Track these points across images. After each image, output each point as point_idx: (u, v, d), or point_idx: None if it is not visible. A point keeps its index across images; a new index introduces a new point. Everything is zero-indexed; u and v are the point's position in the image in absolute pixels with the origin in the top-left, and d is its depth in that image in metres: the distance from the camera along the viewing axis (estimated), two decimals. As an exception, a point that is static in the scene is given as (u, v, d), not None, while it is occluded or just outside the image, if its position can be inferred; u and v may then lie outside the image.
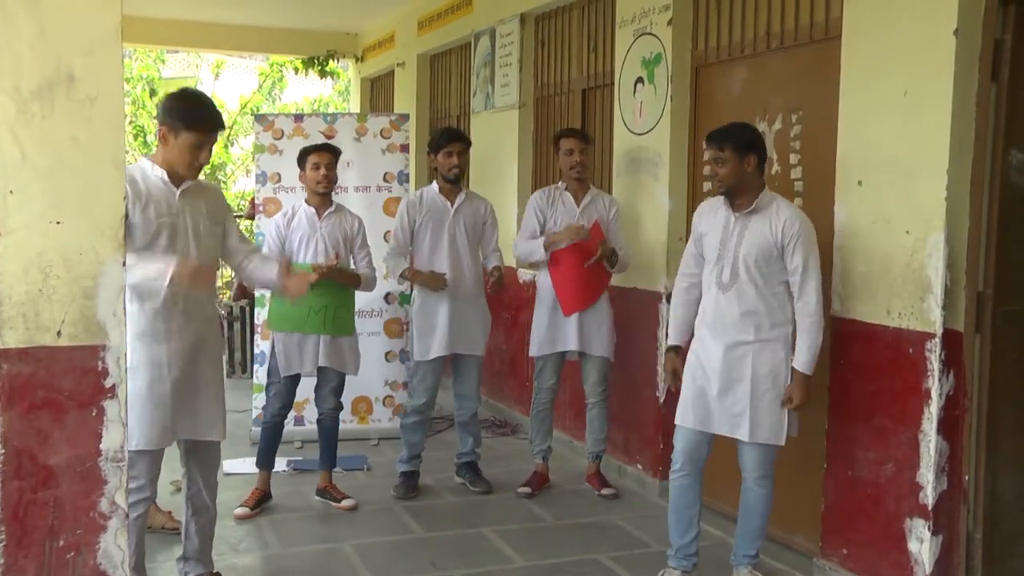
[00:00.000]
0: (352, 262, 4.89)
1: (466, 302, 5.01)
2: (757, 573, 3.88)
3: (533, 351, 5.05)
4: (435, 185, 5.10)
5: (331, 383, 4.86)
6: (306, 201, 4.87)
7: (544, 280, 5.00)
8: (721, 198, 3.71)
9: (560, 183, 5.05)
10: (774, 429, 3.60)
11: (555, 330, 4.95)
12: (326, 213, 4.84)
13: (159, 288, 3.30)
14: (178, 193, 3.38)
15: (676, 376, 3.84)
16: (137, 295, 3.30)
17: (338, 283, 4.69)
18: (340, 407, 4.95)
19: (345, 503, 4.86)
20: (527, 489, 5.06)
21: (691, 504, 3.76)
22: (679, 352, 3.87)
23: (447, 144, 4.98)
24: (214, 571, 3.74)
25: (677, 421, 3.75)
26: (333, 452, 4.97)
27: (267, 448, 4.87)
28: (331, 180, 4.84)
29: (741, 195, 3.62)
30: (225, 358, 7.63)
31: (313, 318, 4.68)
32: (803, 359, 3.55)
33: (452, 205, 5.02)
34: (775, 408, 3.59)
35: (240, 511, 4.69)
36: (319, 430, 4.96)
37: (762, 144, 3.65)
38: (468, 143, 5.10)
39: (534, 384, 5.12)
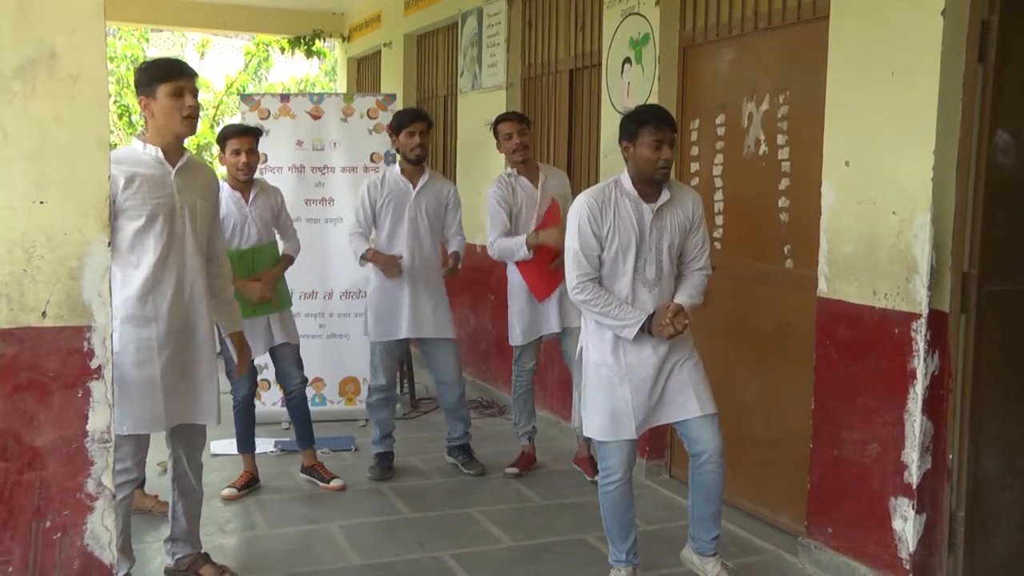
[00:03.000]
0: (277, 236, 4.92)
1: (427, 285, 5.00)
2: (724, 561, 3.70)
3: (516, 340, 5.00)
4: (397, 166, 5.08)
5: (290, 356, 4.88)
6: (230, 185, 4.70)
7: (513, 271, 4.98)
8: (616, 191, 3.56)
9: (510, 169, 5.02)
10: (711, 396, 3.52)
11: (535, 316, 4.94)
12: (252, 195, 4.78)
13: (146, 272, 3.29)
14: (173, 172, 3.34)
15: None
16: (123, 279, 3.28)
17: (267, 266, 4.76)
18: (306, 380, 4.98)
19: (334, 483, 4.87)
20: (514, 470, 5.07)
21: (630, 508, 3.61)
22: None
23: (409, 124, 4.93)
24: (202, 551, 3.75)
25: (607, 438, 3.51)
26: (310, 428, 4.98)
27: (245, 432, 4.85)
28: (251, 166, 4.73)
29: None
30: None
31: (257, 305, 4.70)
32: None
33: (414, 187, 5.00)
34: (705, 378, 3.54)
35: (228, 491, 4.70)
36: (291, 409, 4.94)
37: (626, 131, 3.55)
38: (430, 122, 5.07)
39: (514, 368, 5.11)
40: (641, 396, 3.49)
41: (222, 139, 4.75)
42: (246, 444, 4.87)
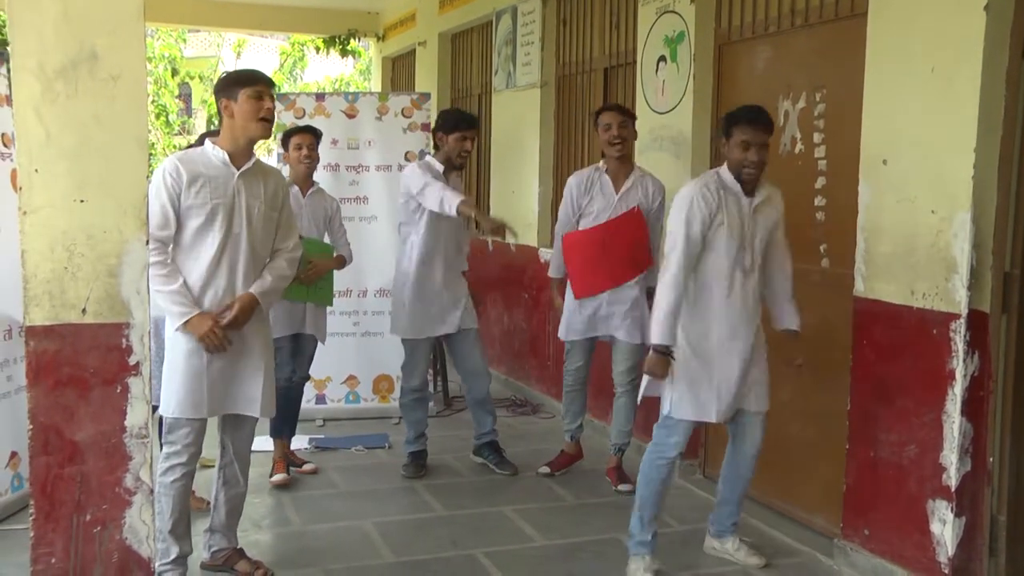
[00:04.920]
0: (329, 239, 5.06)
1: (455, 281, 5.03)
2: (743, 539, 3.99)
3: (560, 333, 4.97)
4: (429, 160, 4.95)
5: (308, 350, 5.01)
6: (291, 179, 4.88)
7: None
8: (707, 180, 3.68)
9: (600, 163, 4.82)
10: (766, 396, 3.78)
11: (587, 315, 4.81)
12: (309, 192, 4.98)
13: (202, 268, 3.43)
14: (237, 175, 3.47)
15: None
16: (183, 273, 3.42)
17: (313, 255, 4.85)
18: (308, 377, 5.16)
19: (306, 467, 5.06)
20: (546, 469, 5.06)
21: (668, 490, 3.87)
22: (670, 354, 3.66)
23: (467, 129, 4.86)
24: (238, 547, 3.80)
25: (687, 416, 3.67)
26: (296, 420, 5.12)
27: (283, 415, 4.89)
28: (314, 160, 4.96)
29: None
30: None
31: (296, 287, 4.68)
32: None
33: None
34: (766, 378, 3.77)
35: (278, 478, 4.83)
36: (287, 396, 4.97)
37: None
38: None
39: (565, 364, 5.05)
40: (730, 383, 3.66)
41: (285, 138, 5.04)
42: (283, 429, 4.95)
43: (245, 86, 3.44)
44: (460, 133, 4.85)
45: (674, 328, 3.59)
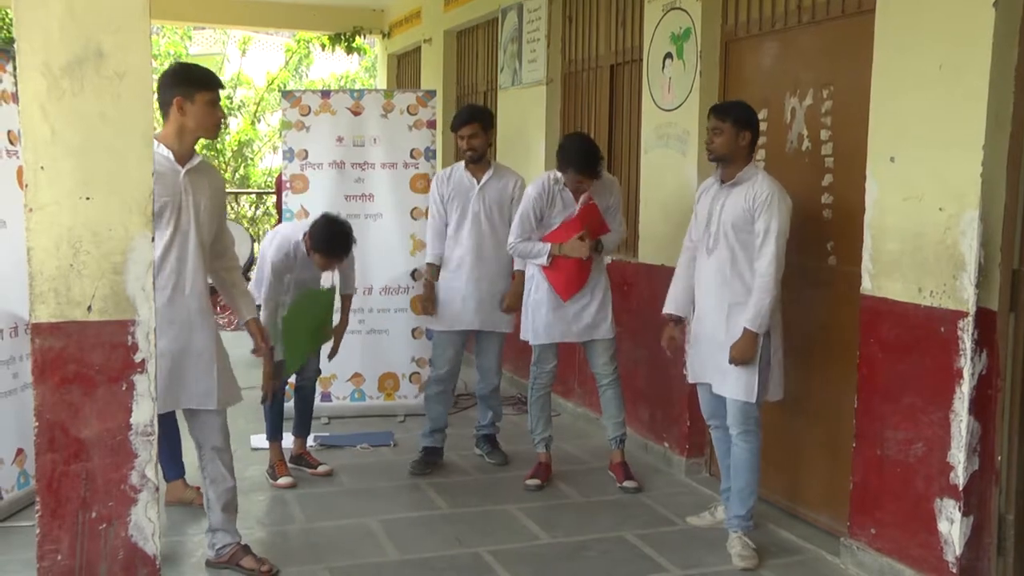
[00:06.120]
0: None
1: (492, 280, 5.05)
2: (747, 540, 3.97)
3: (531, 339, 4.85)
4: (462, 162, 5.13)
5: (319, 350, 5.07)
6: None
7: (536, 269, 4.82)
8: (713, 176, 4.10)
9: (555, 171, 4.74)
10: (742, 387, 3.89)
11: (556, 319, 4.78)
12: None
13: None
14: (183, 172, 3.50)
15: (671, 343, 4.31)
16: None
17: (320, 304, 4.92)
18: (320, 372, 5.20)
19: (321, 469, 5.01)
20: (536, 481, 4.86)
21: (724, 455, 4.15)
22: (676, 321, 4.29)
23: (460, 127, 5.02)
24: (242, 542, 3.80)
25: (690, 380, 4.22)
26: (311, 419, 5.15)
27: (273, 420, 4.93)
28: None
29: (729, 165, 3.96)
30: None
31: (317, 334, 4.91)
32: (748, 315, 3.84)
33: (478, 183, 5.06)
34: (743, 367, 3.87)
35: (283, 481, 4.81)
36: (299, 397, 5.09)
37: (757, 125, 4.02)
38: (483, 123, 5.03)
39: (532, 370, 4.92)
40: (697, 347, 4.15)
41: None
42: (273, 432, 4.95)
43: (204, 90, 3.46)
44: (458, 132, 5.04)
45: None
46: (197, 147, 3.67)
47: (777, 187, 3.89)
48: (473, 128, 4.99)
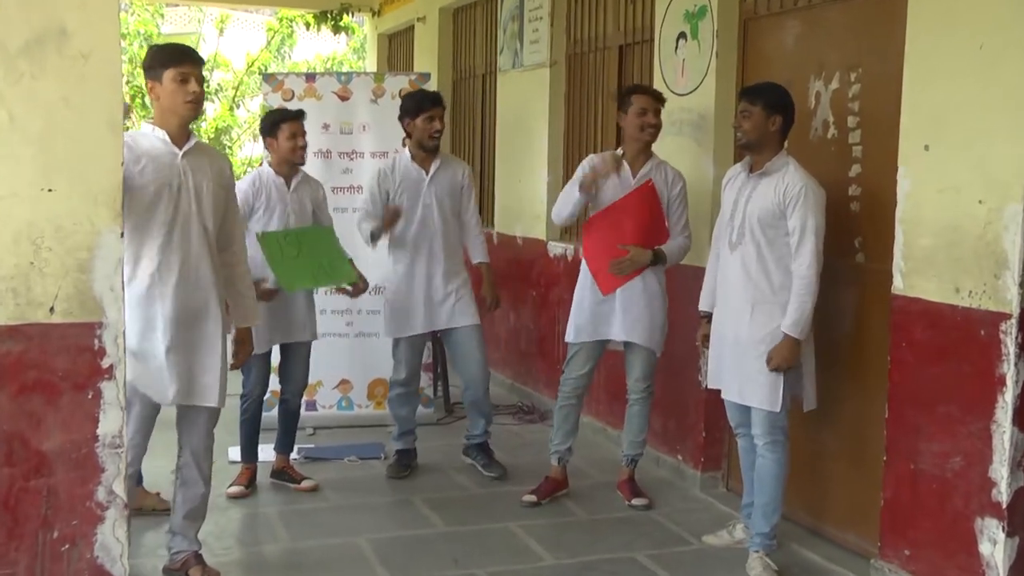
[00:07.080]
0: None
1: (445, 275, 5.07)
2: (768, 560, 3.96)
3: (569, 336, 4.81)
4: (407, 152, 5.13)
5: (303, 353, 4.99)
6: (273, 170, 4.87)
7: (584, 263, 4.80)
8: (741, 164, 4.07)
9: (619, 149, 4.78)
10: (766, 395, 3.87)
11: (597, 314, 4.71)
12: (294, 182, 4.90)
13: (152, 251, 3.54)
14: (180, 153, 3.60)
15: (707, 341, 4.23)
16: (134, 259, 3.51)
17: (314, 235, 4.87)
18: (307, 384, 5.15)
19: (305, 484, 4.97)
20: (532, 498, 4.78)
21: (748, 467, 4.13)
22: (711, 319, 4.21)
23: (430, 108, 5.01)
24: (197, 551, 3.84)
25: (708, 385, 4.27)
26: (293, 436, 5.13)
27: (249, 437, 4.92)
28: (305, 151, 4.93)
29: (759, 152, 3.93)
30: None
31: (326, 268, 4.84)
32: (788, 320, 3.82)
33: (427, 174, 5.08)
34: (765, 373, 3.85)
35: (234, 490, 4.80)
36: (284, 411, 5.05)
37: (792, 110, 3.95)
38: (443, 107, 5.14)
39: (563, 371, 4.90)
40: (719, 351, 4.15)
41: (274, 124, 4.84)
42: (248, 452, 4.92)
43: (168, 67, 3.53)
44: (427, 114, 5.02)
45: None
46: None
47: (810, 179, 3.87)
48: (442, 110, 5.06)
